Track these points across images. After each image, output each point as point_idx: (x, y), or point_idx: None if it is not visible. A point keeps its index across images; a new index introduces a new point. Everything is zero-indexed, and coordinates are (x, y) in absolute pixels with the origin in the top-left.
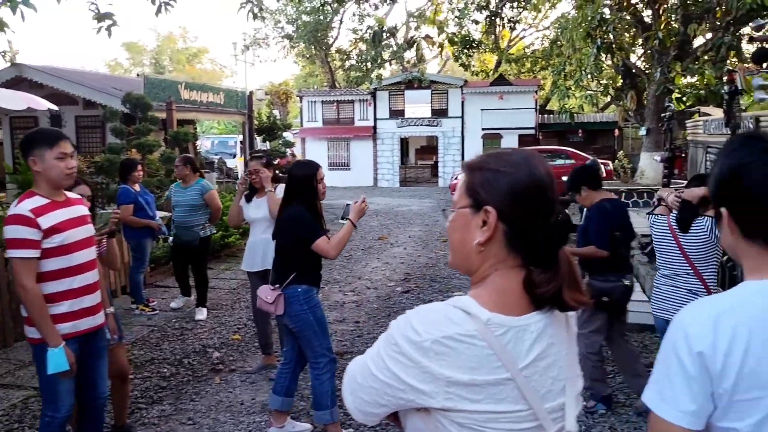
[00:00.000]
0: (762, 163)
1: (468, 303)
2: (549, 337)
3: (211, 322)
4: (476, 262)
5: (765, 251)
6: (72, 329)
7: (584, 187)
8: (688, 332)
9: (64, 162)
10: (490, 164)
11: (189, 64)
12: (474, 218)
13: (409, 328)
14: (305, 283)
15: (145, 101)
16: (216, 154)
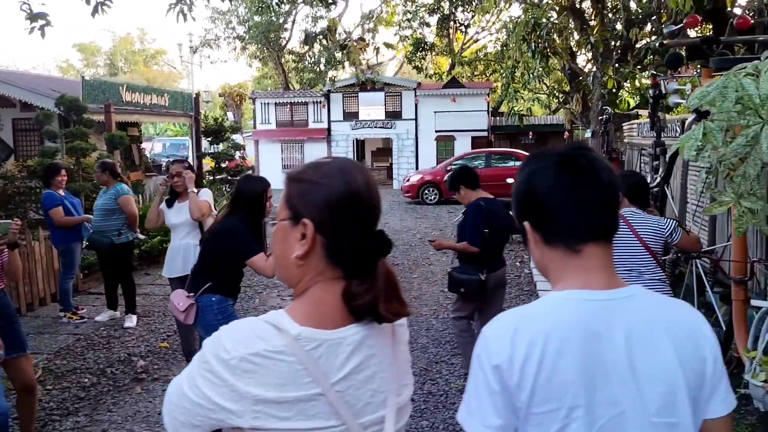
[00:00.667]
0: (544, 168)
1: (279, 318)
2: (368, 348)
3: (140, 330)
4: (297, 275)
5: (567, 258)
6: None
7: (462, 187)
8: (488, 345)
9: None
10: (308, 175)
11: (146, 66)
12: (293, 231)
13: (220, 345)
14: (220, 293)
15: (78, 104)
16: (168, 157)
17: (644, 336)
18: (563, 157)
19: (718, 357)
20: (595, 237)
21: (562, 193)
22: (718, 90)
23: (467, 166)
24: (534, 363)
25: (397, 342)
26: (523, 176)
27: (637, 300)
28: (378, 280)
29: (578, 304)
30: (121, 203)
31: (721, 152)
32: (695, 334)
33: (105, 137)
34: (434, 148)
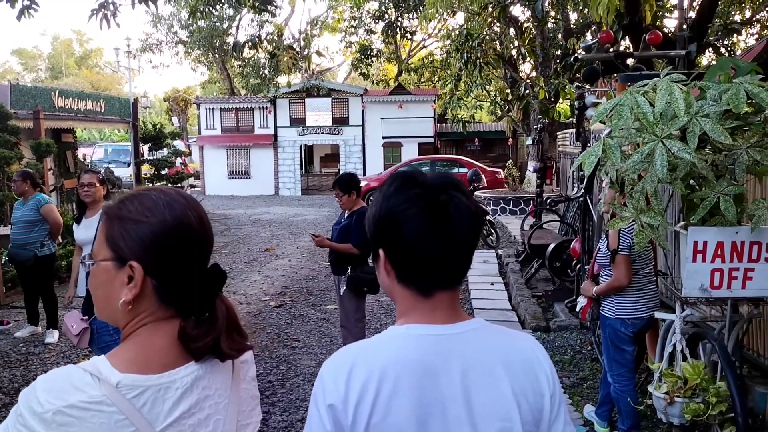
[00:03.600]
0: (414, 212)
1: (98, 365)
2: (202, 390)
3: (61, 346)
4: (125, 318)
5: (416, 298)
6: None
7: (354, 192)
8: (324, 384)
9: None
10: (131, 213)
11: (86, 69)
12: (118, 274)
13: (33, 397)
14: None
15: (3, 110)
16: (109, 163)
17: (480, 371)
18: (434, 203)
19: (556, 391)
20: (449, 285)
21: (428, 247)
22: (614, 107)
23: (355, 174)
24: (368, 403)
25: (239, 380)
26: (386, 206)
27: (477, 334)
28: (218, 318)
29: (417, 339)
30: (45, 213)
31: (622, 168)
32: (532, 368)
33: (30, 144)
34: (381, 154)
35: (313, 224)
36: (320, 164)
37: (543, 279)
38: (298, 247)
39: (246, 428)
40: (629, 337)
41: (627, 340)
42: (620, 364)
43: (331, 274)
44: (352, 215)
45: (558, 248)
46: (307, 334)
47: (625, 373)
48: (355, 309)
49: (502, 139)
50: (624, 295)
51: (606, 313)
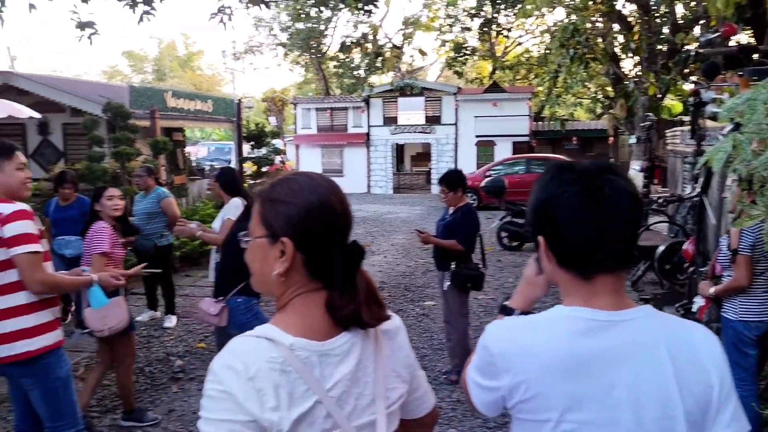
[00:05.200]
0: (568, 196)
1: (269, 332)
2: (355, 357)
3: (178, 330)
4: (278, 289)
5: (577, 282)
6: (57, 338)
7: (459, 189)
8: (493, 336)
9: (23, 172)
10: (280, 195)
11: (190, 70)
12: (272, 249)
13: (225, 362)
14: (245, 295)
15: (123, 110)
16: (212, 161)
17: (644, 359)
18: (588, 187)
19: (725, 384)
20: (610, 269)
21: (584, 229)
22: (746, 102)
23: (461, 171)
24: (525, 377)
25: (381, 348)
26: (543, 194)
27: (642, 322)
28: (358, 290)
29: (582, 322)
30: (164, 206)
31: (753, 165)
32: (701, 358)
33: (149, 142)
34: (474, 153)
35: (406, 222)
36: (411, 163)
37: (650, 282)
38: (393, 244)
39: (393, 392)
40: (752, 340)
41: (750, 343)
42: (742, 368)
43: (427, 271)
44: (457, 212)
45: (668, 250)
46: (408, 329)
47: (746, 378)
48: (459, 305)
49: (601, 138)
50: (749, 297)
51: (728, 314)
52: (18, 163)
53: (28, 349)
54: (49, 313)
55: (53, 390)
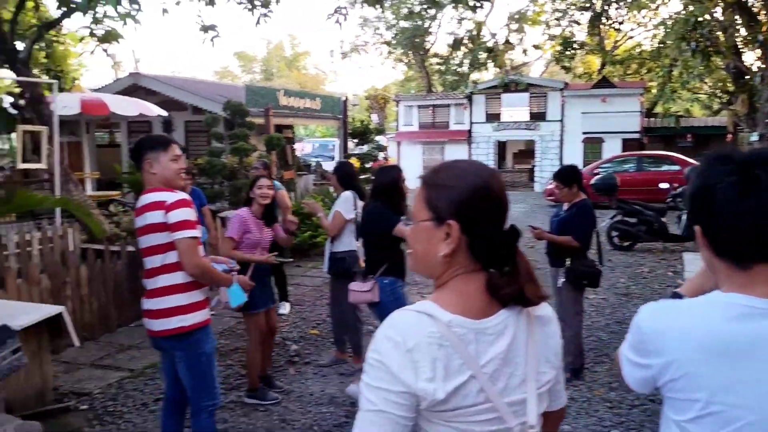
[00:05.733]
0: (725, 186)
1: (430, 307)
2: (508, 337)
3: (293, 317)
4: (440, 269)
5: (733, 270)
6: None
7: (575, 185)
8: (649, 316)
9: (177, 164)
10: (445, 179)
11: (296, 70)
12: (437, 231)
13: (386, 334)
14: (391, 275)
15: (242, 108)
16: (316, 157)
17: None
18: (746, 176)
19: None
20: (767, 258)
21: (742, 219)
22: None
23: (576, 166)
24: (680, 353)
25: (533, 331)
26: (700, 184)
27: None
28: (520, 269)
29: (738, 308)
30: (278, 198)
31: None
32: None
33: (264, 139)
34: (581, 150)
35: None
36: (513, 160)
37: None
38: None
39: (543, 375)
40: None
41: None
42: None
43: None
44: (572, 207)
45: None
46: None
47: None
48: (573, 302)
49: (718, 135)
50: None
51: None
52: (173, 155)
53: (182, 324)
54: (200, 293)
55: (198, 364)
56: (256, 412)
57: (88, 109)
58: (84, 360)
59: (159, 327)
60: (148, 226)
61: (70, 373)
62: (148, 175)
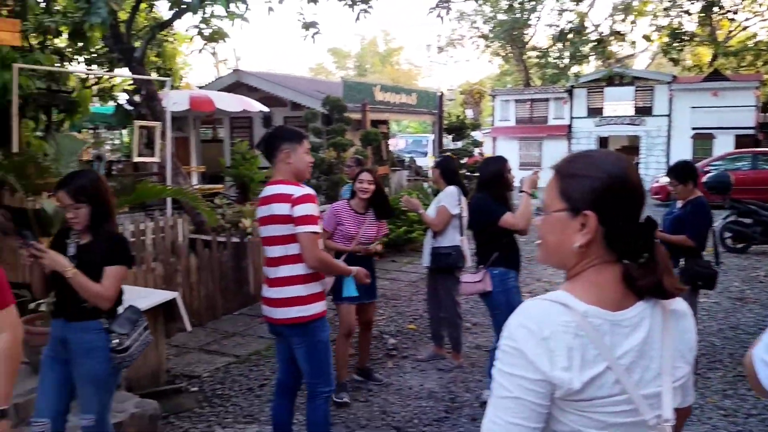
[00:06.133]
0: None
1: (565, 297)
2: (644, 330)
3: (390, 311)
4: (573, 260)
5: None
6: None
7: (690, 181)
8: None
9: (309, 157)
10: (579, 169)
11: (389, 65)
12: (572, 222)
13: (520, 322)
14: (502, 266)
15: (340, 103)
16: (409, 153)
17: None
18: None
19: None
20: None
21: None
22: None
23: (691, 162)
24: None
25: (668, 326)
26: None
27: None
28: (659, 260)
29: None
30: None
31: None
32: None
33: (361, 134)
34: (690, 146)
35: None
36: None
37: None
38: None
39: (677, 370)
40: None
41: None
42: None
43: None
44: (686, 205)
45: None
46: None
47: None
48: (688, 304)
49: None
50: None
51: None
52: (306, 148)
53: (302, 315)
54: (319, 285)
55: (316, 351)
56: (356, 403)
57: (196, 106)
58: (193, 345)
59: (279, 315)
60: (274, 216)
61: (181, 356)
62: (283, 165)
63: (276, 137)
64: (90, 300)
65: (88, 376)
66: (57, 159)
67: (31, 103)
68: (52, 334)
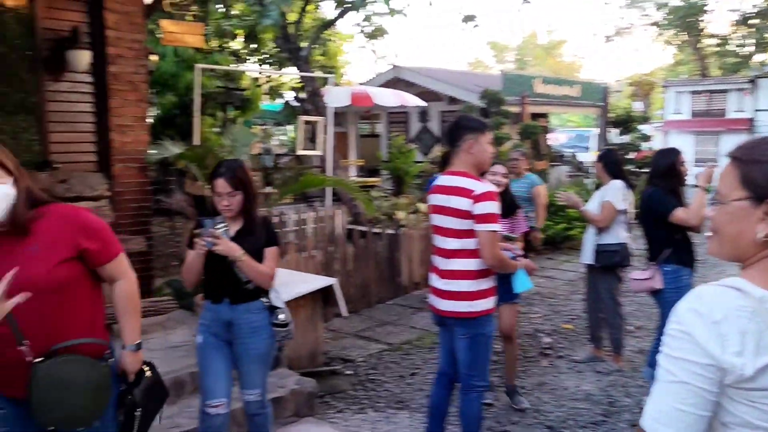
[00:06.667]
0: None
1: (740, 282)
2: None
3: (544, 309)
4: (752, 251)
5: None
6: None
7: None
8: None
9: (491, 148)
10: (764, 156)
11: (550, 57)
12: (755, 211)
13: (692, 307)
14: (674, 263)
15: (498, 96)
16: (570, 148)
17: None
18: None
19: None
20: None
21: None
22: None
23: None
24: None
25: None
26: None
27: None
28: None
29: None
30: (535, 193)
31: None
32: None
33: (519, 127)
34: None
35: None
36: None
37: None
38: None
39: None
40: None
41: None
42: None
43: None
44: None
45: None
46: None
47: None
48: None
49: None
50: None
51: None
52: (490, 139)
53: (471, 310)
54: (490, 281)
55: (477, 345)
56: (507, 398)
57: (356, 101)
58: (348, 330)
59: (447, 308)
60: (452, 209)
61: (337, 340)
62: (465, 155)
63: (459, 126)
64: (257, 281)
65: (255, 353)
66: (232, 150)
67: (210, 101)
68: (213, 318)
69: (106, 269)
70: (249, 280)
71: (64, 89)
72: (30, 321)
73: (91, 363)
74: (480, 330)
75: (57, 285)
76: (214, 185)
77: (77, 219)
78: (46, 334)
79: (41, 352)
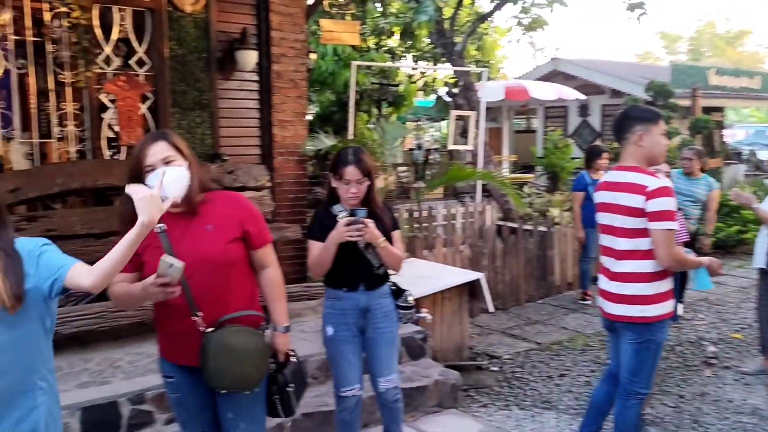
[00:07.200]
0: None
1: None
2: None
3: (711, 317)
4: None
5: None
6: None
7: None
8: None
9: (666, 139)
10: None
11: (730, 48)
12: None
13: None
14: None
15: (666, 89)
16: (749, 145)
17: None
18: None
19: None
20: None
21: None
22: None
23: None
24: None
25: None
26: None
27: None
28: None
29: None
30: (711, 197)
31: None
32: None
33: (689, 122)
34: None
35: None
36: None
37: None
38: None
39: None
40: None
41: None
42: None
43: None
44: None
45: None
46: None
47: None
48: None
49: None
50: None
51: None
52: (663, 130)
53: (644, 315)
54: (667, 283)
55: (645, 350)
56: (665, 407)
57: (511, 95)
58: (495, 326)
59: (617, 311)
60: (622, 207)
61: (483, 336)
62: (635, 148)
63: (628, 117)
64: (390, 264)
65: (390, 336)
66: (382, 143)
67: (365, 97)
68: (350, 306)
69: (257, 254)
70: (380, 265)
71: (233, 87)
72: (203, 294)
73: (254, 333)
74: (650, 336)
75: (229, 261)
76: (342, 172)
77: (243, 203)
78: (216, 306)
79: (211, 323)
